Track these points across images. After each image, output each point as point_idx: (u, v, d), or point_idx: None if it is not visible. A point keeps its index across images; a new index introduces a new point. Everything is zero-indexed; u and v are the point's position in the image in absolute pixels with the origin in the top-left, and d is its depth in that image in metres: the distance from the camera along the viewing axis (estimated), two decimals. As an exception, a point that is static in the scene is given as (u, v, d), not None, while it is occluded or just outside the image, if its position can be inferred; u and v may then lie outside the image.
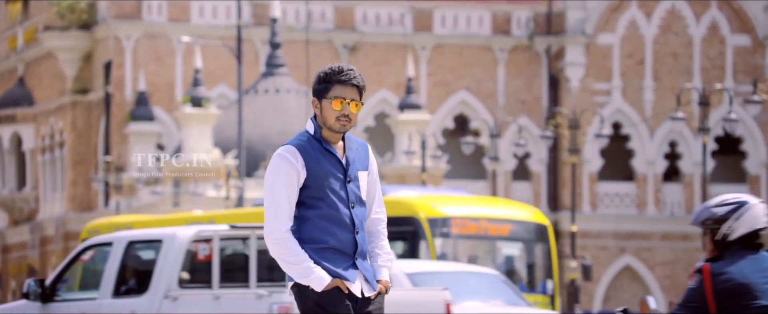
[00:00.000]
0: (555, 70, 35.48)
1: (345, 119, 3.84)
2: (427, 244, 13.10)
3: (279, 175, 3.78)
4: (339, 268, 3.78)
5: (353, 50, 35.35)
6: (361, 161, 3.88)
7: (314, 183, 3.79)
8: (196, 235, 8.99)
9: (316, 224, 3.77)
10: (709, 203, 4.37)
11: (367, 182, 3.88)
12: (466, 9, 35.43)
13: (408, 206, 13.46)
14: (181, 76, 34.94)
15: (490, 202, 15.76)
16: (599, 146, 34.19)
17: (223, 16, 34.81)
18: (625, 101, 35.31)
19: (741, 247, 4.28)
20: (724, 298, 4.21)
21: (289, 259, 3.74)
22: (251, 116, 31.04)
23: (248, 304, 8.76)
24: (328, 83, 3.88)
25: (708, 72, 35.09)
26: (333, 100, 3.84)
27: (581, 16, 35.14)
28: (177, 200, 29.76)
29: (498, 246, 13.95)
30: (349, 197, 3.82)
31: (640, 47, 35.32)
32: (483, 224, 13.58)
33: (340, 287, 3.73)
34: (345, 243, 3.79)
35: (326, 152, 3.84)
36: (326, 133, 3.85)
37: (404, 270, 10.97)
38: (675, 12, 35.31)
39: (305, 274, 3.73)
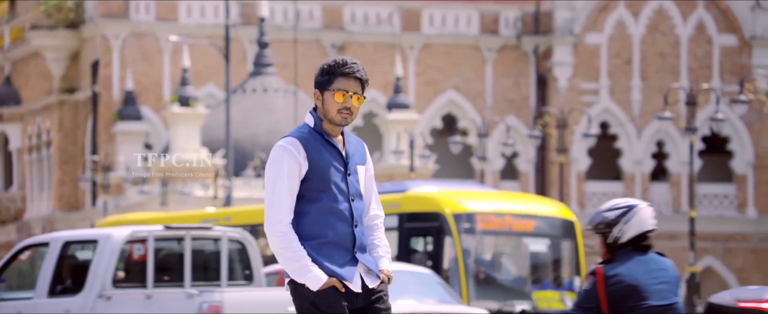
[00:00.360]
0: (543, 70, 35.55)
1: (346, 112, 3.81)
2: (453, 240, 12.91)
3: (281, 167, 3.73)
4: (338, 264, 3.73)
5: (341, 50, 35.34)
6: (360, 156, 3.85)
7: (316, 176, 3.75)
8: (131, 235, 9.11)
9: (316, 217, 3.73)
10: (601, 208, 4.56)
11: (365, 178, 3.85)
12: (454, 9, 35.45)
13: (433, 202, 13.23)
14: (168, 76, 34.87)
15: (515, 197, 15.35)
16: (587, 145, 34.27)
17: (211, 16, 34.75)
18: (613, 100, 35.39)
19: (632, 249, 4.44)
20: (615, 299, 4.38)
21: (287, 254, 3.70)
22: (239, 116, 31.00)
23: (179, 303, 8.88)
24: (331, 75, 3.84)
25: (695, 72, 35.20)
26: (335, 92, 3.80)
27: (569, 16, 35.21)
28: (165, 200, 29.70)
29: (524, 242, 13.65)
30: (350, 190, 3.77)
31: (628, 47, 35.41)
32: (508, 220, 13.31)
33: (336, 286, 3.70)
34: (344, 236, 3.75)
35: (328, 144, 3.80)
36: (327, 126, 3.82)
37: None
38: (662, 12, 35.41)
39: (302, 272, 3.70)
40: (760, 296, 5.15)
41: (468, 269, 12.95)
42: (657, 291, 4.42)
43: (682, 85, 30.40)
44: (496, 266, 13.54)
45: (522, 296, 13.37)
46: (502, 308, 13.08)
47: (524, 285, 13.55)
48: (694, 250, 22.47)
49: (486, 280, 13.27)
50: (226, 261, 9.18)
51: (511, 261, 13.59)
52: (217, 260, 9.21)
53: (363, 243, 3.81)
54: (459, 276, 12.88)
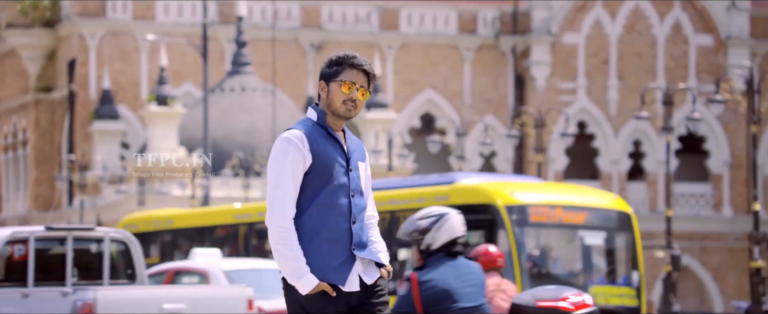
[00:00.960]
0: (521, 70, 35.65)
1: (351, 104, 3.75)
2: (506, 233, 12.38)
3: (286, 160, 3.67)
4: (333, 265, 3.68)
5: (320, 49, 35.31)
6: (360, 153, 3.82)
7: (318, 169, 3.70)
8: (12, 236, 9.30)
9: (314, 213, 3.68)
10: (414, 217, 4.90)
11: (364, 177, 3.81)
12: (433, 8, 35.49)
13: (484, 193, 12.68)
14: (146, 75, 34.73)
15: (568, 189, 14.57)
16: (564, 145, 34.39)
17: (188, 14, 34.64)
18: (590, 100, 35.53)
19: (443, 255, 4.81)
20: (429, 303, 4.71)
21: (284, 252, 3.66)
22: (217, 115, 30.90)
23: (55, 302, 9.03)
24: (339, 66, 3.75)
25: (671, 71, 35.39)
26: (342, 83, 3.74)
27: (547, 16, 35.32)
28: (142, 199, 29.58)
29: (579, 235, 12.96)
30: (351, 186, 3.74)
31: (605, 47, 35.56)
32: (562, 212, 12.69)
33: (327, 291, 3.66)
34: (341, 232, 3.71)
35: (331, 138, 3.75)
36: (330, 120, 3.76)
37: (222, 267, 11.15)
38: (639, 12, 35.59)
39: (295, 274, 3.67)
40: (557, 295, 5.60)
41: (522, 263, 12.36)
42: (467, 293, 4.75)
43: (659, 84, 30.57)
44: (550, 260, 12.90)
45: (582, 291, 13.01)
46: None
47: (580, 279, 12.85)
48: (671, 249, 22.55)
49: (540, 274, 12.65)
50: (108, 260, 9.31)
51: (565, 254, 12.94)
52: (100, 260, 9.34)
53: (362, 240, 3.76)
54: (513, 271, 12.23)
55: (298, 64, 35.32)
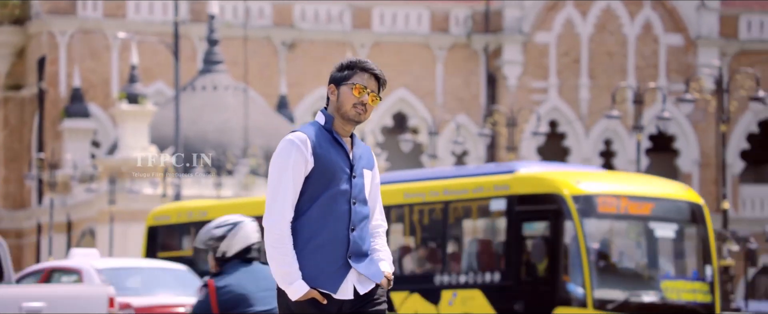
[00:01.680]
0: (493, 69, 35.76)
1: (362, 108, 3.73)
2: (573, 224, 11.66)
3: (288, 162, 3.65)
4: (326, 273, 3.65)
5: (292, 47, 35.25)
6: (367, 161, 3.78)
7: (320, 174, 3.66)
8: None
9: (312, 217, 3.65)
10: (210, 226, 5.08)
11: (371, 185, 3.77)
12: (405, 7, 35.52)
13: (549, 183, 11.97)
14: (116, 73, 34.53)
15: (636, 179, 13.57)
16: (536, 144, 34.53)
17: (159, 13, 34.47)
18: (562, 99, 35.70)
19: (239, 262, 5.00)
20: (226, 308, 4.90)
21: (277, 257, 3.62)
22: (189, 113, 30.78)
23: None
24: (350, 70, 3.77)
25: (642, 71, 35.63)
26: (354, 86, 3.74)
27: (518, 15, 35.45)
28: (113, 198, 29.42)
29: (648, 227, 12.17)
30: (352, 192, 3.69)
31: (576, 46, 35.73)
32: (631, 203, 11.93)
33: (316, 299, 3.63)
34: (338, 239, 3.66)
35: (336, 143, 3.71)
36: (338, 125, 3.74)
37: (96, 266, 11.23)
38: (610, 11, 35.78)
39: (285, 279, 3.64)
40: None
41: (590, 256, 11.64)
42: (262, 298, 4.93)
43: (630, 84, 30.75)
44: (619, 253, 12.17)
45: (649, 285, 11.92)
46: (629, 298, 11.69)
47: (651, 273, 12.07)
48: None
49: (609, 268, 11.94)
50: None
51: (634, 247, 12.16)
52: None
53: (360, 249, 3.70)
54: (581, 264, 11.58)
55: (270, 62, 35.24)
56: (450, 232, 12.77)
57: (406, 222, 13.03)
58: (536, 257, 11.93)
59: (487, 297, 12.19)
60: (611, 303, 11.64)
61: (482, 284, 12.29)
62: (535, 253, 11.91)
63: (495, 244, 12.61)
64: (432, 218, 12.88)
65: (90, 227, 31.65)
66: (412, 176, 13.74)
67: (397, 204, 12.96)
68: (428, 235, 13.04)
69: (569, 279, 11.73)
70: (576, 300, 11.70)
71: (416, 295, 12.66)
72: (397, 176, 13.98)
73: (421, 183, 13.13)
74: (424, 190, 12.94)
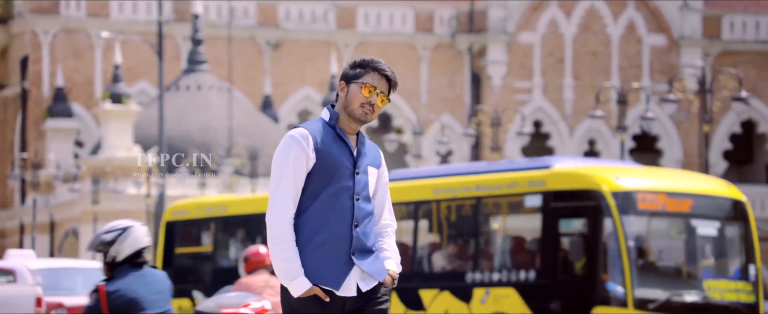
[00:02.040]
0: (477, 69, 35.81)
1: (369, 108, 3.68)
2: (613, 221, 11.22)
3: (288, 158, 3.63)
4: (329, 270, 3.62)
5: (276, 47, 35.21)
6: (373, 159, 3.74)
7: (321, 169, 3.64)
8: None
9: (314, 214, 3.63)
10: (100, 231, 5.16)
11: (378, 184, 3.74)
12: (390, 7, 35.54)
13: (587, 179, 11.51)
14: (100, 73, 34.41)
15: (676, 175, 13.08)
16: (520, 144, 34.60)
17: (143, 12, 34.37)
18: (546, 99, 35.79)
19: (129, 266, 5.10)
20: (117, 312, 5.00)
21: (279, 253, 3.60)
22: (173, 113, 30.70)
23: None
24: (362, 68, 3.70)
25: (626, 71, 35.75)
26: (364, 85, 3.68)
27: (503, 15, 35.51)
28: (96, 198, 29.31)
29: (690, 224, 11.76)
30: (355, 189, 3.65)
31: (560, 46, 35.83)
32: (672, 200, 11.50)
33: (319, 296, 3.59)
34: (341, 236, 3.63)
35: (339, 139, 3.68)
36: (343, 122, 3.70)
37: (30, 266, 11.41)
38: (594, 12, 35.89)
39: (286, 275, 3.61)
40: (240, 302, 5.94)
41: (630, 254, 11.22)
42: (153, 301, 5.06)
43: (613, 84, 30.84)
44: (659, 251, 11.72)
45: (691, 285, 11.49)
46: (671, 298, 11.29)
47: (693, 272, 11.66)
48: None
49: (650, 267, 11.50)
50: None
51: (675, 245, 11.74)
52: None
53: (364, 245, 3.66)
54: (621, 263, 11.17)
55: (254, 62, 35.18)
56: (482, 229, 12.38)
57: (435, 218, 12.65)
58: (574, 255, 11.44)
59: (522, 295, 11.79)
60: (652, 303, 11.24)
61: (516, 282, 11.89)
62: (573, 251, 11.43)
63: (529, 241, 12.17)
64: (463, 214, 12.51)
65: (73, 228, 31.52)
66: (441, 172, 13.21)
67: (426, 200, 12.61)
68: (458, 232, 12.66)
69: (609, 278, 11.26)
70: (616, 300, 11.24)
71: (446, 293, 12.32)
72: (425, 172, 13.49)
73: (452, 178, 12.63)
74: (455, 185, 12.49)
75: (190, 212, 14.45)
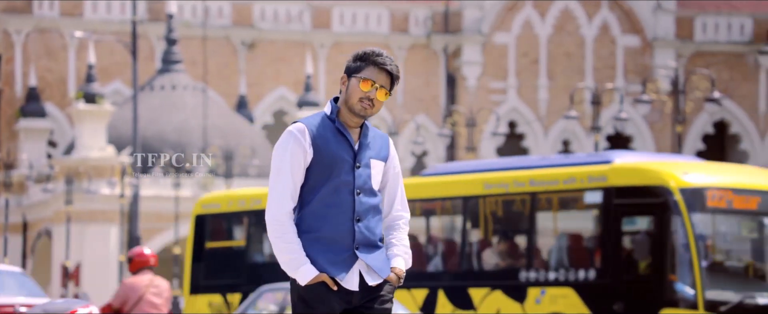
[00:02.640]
0: (452, 69, 35.88)
1: (368, 103, 3.64)
2: (682, 219, 10.65)
3: (285, 154, 3.61)
4: (332, 261, 3.58)
5: (251, 47, 35.12)
6: (377, 151, 3.68)
7: (319, 165, 3.61)
8: None
9: (315, 209, 3.60)
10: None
11: (386, 176, 3.68)
12: (365, 7, 35.54)
13: (654, 175, 10.93)
14: (73, 72, 34.21)
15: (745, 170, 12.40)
16: (495, 144, 34.70)
17: (117, 12, 34.19)
18: (521, 99, 35.90)
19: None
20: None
21: (281, 246, 3.57)
22: (147, 113, 30.57)
23: None
24: (363, 62, 3.67)
25: (600, 72, 35.92)
26: (362, 80, 3.65)
27: (478, 16, 35.60)
28: (70, 198, 29.14)
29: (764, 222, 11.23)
30: (356, 183, 3.61)
31: (535, 47, 35.96)
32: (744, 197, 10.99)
33: (326, 283, 3.55)
34: (343, 231, 3.59)
35: (338, 133, 3.64)
36: (344, 116, 3.66)
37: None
38: (568, 12, 36.05)
39: (292, 265, 3.58)
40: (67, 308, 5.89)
41: (700, 254, 10.68)
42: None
43: (588, 84, 31.00)
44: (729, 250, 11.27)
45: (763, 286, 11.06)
46: (743, 300, 10.77)
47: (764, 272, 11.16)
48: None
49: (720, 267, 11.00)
50: None
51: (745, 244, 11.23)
52: None
53: (368, 239, 3.61)
54: (690, 263, 10.63)
55: (229, 62, 35.08)
56: (536, 225, 11.79)
57: (486, 214, 12.08)
58: (638, 254, 10.91)
59: (581, 295, 11.24)
60: (724, 305, 10.73)
61: (575, 282, 11.32)
62: (638, 250, 10.92)
63: (588, 239, 11.59)
64: (515, 210, 11.98)
65: (46, 228, 31.32)
66: (492, 166, 12.76)
67: (475, 195, 12.05)
68: (510, 228, 12.17)
69: (677, 279, 10.74)
70: (685, 301, 10.72)
71: (498, 292, 11.79)
72: (475, 166, 13.10)
73: (504, 173, 12.08)
74: (507, 180, 11.93)
75: (221, 206, 13.92)
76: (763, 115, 36.49)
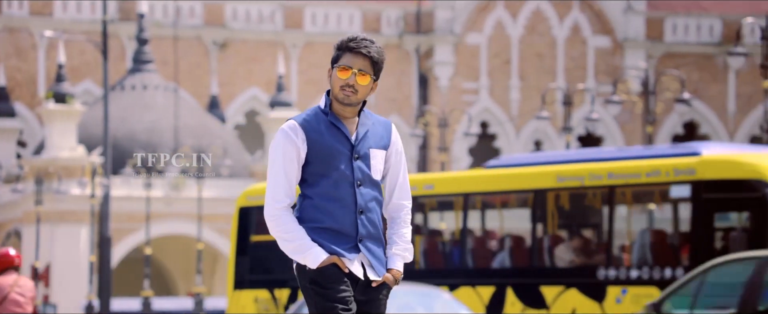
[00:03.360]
0: (424, 69, 35.94)
1: (349, 90, 3.56)
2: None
3: (277, 151, 3.59)
4: (337, 246, 3.54)
5: (223, 47, 35.01)
6: (378, 139, 3.62)
7: (316, 159, 3.57)
8: None
9: (316, 203, 3.56)
10: None
11: (389, 163, 3.63)
12: (337, 7, 35.53)
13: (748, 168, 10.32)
14: (43, 72, 33.95)
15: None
16: (468, 144, 34.78)
17: (87, 11, 33.98)
18: (493, 100, 36.02)
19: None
20: None
21: (284, 236, 3.53)
22: (118, 113, 30.40)
23: None
24: (340, 50, 3.63)
25: (571, 72, 36.11)
26: (340, 68, 3.59)
27: (450, 16, 35.68)
28: (39, 198, 28.92)
29: None
30: (355, 175, 3.56)
31: (507, 47, 36.09)
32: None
33: (338, 265, 3.50)
34: (346, 224, 3.55)
35: (332, 126, 3.60)
36: (337, 107, 3.61)
37: None
38: (539, 13, 36.20)
39: (300, 251, 3.53)
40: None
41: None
42: None
43: (559, 85, 31.16)
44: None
45: None
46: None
47: None
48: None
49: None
50: None
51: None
52: None
53: (371, 232, 3.57)
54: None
55: (201, 62, 34.94)
56: (616, 221, 11.08)
57: (558, 209, 11.44)
58: (734, 251, 10.21)
59: None
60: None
61: (660, 280, 10.62)
62: (733, 247, 10.28)
63: (673, 235, 10.98)
64: (592, 204, 11.35)
65: (15, 228, 31.06)
66: (565, 157, 12.00)
67: (547, 188, 11.35)
68: (588, 224, 11.53)
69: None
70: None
71: (574, 290, 11.08)
72: (547, 157, 12.40)
73: (579, 165, 11.35)
74: (583, 173, 11.19)
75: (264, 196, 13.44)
76: (732, 115, 36.83)
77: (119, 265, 30.89)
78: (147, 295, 27.00)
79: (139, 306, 27.12)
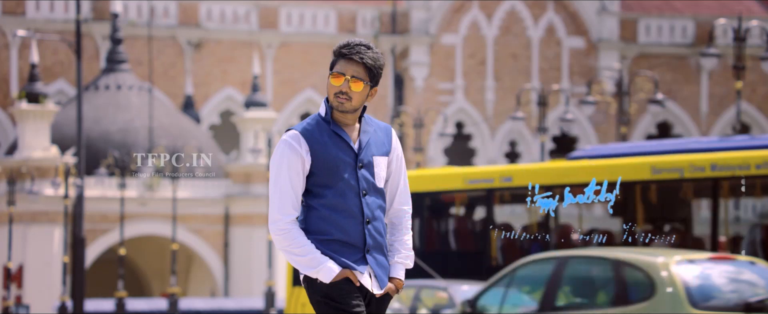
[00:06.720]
0: (400, 70, 35.97)
1: (343, 97, 3.51)
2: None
3: (282, 162, 3.51)
4: (346, 258, 3.50)
5: (198, 47, 34.89)
6: (380, 146, 3.56)
7: (320, 170, 3.50)
8: None
9: (322, 214, 3.49)
10: None
11: (390, 169, 3.57)
12: (312, 7, 35.50)
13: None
14: (16, 71, 33.71)
15: None
16: (443, 144, 34.86)
17: (61, 10, 33.77)
18: (468, 100, 36.11)
19: None
20: None
21: (294, 250, 3.46)
22: (91, 113, 30.24)
23: None
24: (336, 57, 3.59)
25: (546, 73, 36.26)
26: (333, 75, 3.55)
27: (425, 17, 35.74)
28: (12, 199, 28.71)
29: None
30: (360, 185, 3.50)
31: (482, 48, 36.19)
32: None
33: (350, 278, 3.46)
34: (353, 235, 3.50)
35: (335, 135, 3.52)
36: (337, 114, 3.54)
37: None
38: (514, 14, 36.33)
39: (312, 265, 3.47)
40: None
41: None
42: None
43: (534, 86, 31.27)
44: None
45: None
46: None
47: None
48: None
49: None
50: None
51: None
52: None
53: (378, 242, 3.53)
54: None
55: (175, 62, 34.82)
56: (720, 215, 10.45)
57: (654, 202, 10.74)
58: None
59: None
60: None
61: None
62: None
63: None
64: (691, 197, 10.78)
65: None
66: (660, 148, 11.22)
67: (641, 180, 10.62)
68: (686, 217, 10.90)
69: None
70: None
71: None
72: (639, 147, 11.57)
73: (677, 156, 10.66)
74: (682, 164, 10.46)
75: None
76: (705, 116, 37.10)
77: (93, 266, 30.73)
78: (121, 296, 26.87)
79: (113, 307, 26.98)
